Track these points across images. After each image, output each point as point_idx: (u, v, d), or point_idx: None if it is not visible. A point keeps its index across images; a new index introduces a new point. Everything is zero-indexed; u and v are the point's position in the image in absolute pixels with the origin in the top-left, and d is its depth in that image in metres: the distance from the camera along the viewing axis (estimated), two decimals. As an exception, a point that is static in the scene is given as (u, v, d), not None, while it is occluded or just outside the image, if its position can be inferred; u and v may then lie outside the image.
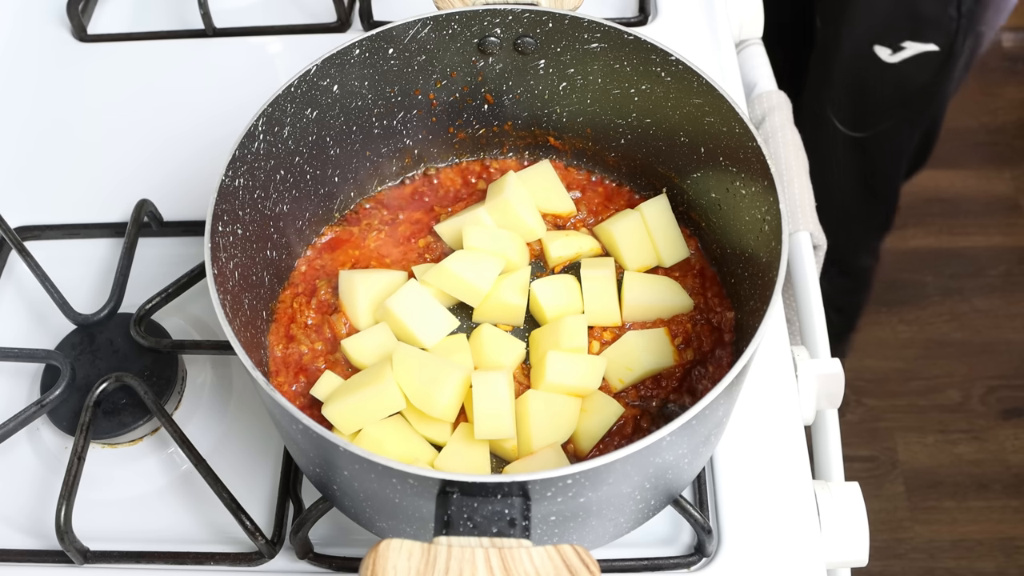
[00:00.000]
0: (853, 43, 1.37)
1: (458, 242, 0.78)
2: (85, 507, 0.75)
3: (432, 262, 0.78)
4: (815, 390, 0.81)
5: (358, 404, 0.68)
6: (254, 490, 0.76)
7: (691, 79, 0.71)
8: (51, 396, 0.77)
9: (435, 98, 0.80)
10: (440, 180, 0.85)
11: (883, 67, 1.35)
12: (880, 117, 1.45)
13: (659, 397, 0.72)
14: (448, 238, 0.80)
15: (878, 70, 1.36)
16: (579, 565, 0.50)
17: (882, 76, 1.37)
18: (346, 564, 0.73)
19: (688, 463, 0.64)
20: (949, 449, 1.90)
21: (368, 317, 0.75)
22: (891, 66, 1.35)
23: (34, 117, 1.02)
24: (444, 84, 0.79)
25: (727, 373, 0.57)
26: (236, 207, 0.68)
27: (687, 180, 0.78)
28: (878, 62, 1.35)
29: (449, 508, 0.53)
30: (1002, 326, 2.03)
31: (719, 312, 0.75)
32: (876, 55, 1.34)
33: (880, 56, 1.34)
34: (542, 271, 0.80)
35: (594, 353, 0.74)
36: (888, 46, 1.33)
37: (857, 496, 0.75)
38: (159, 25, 1.08)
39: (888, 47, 1.33)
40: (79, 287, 0.88)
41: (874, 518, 1.13)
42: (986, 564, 1.77)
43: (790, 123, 1.01)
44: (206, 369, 0.84)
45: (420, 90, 0.79)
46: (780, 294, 0.63)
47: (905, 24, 1.31)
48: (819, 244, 0.95)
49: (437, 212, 0.82)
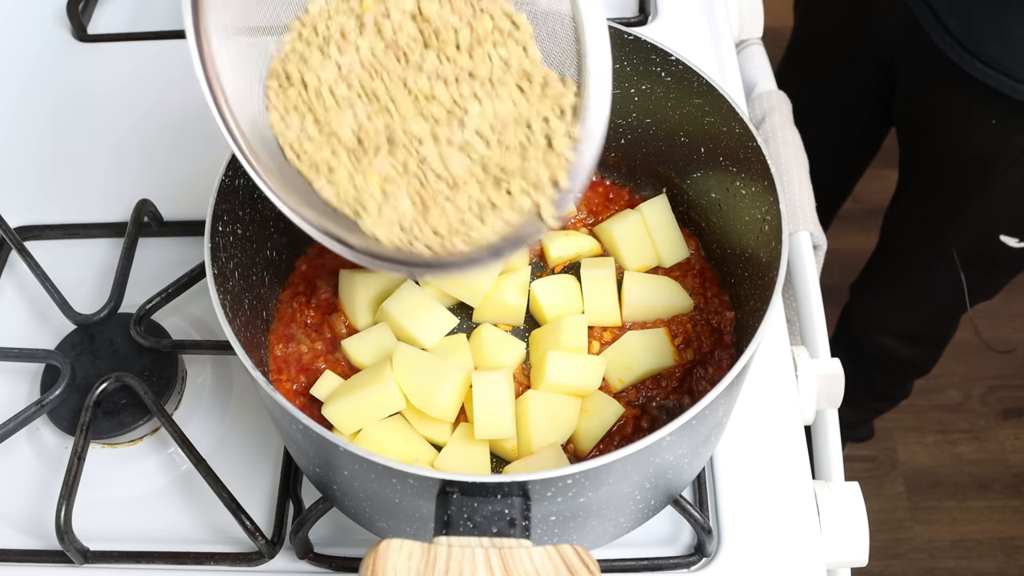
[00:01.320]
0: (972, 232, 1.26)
1: (458, 242, 0.78)
2: (85, 507, 0.75)
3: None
4: (815, 390, 0.81)
5: (358, 404, 0.68)
6: (254, 490, 0.76)
7: (691, 79, 0.71)
8: (51, 396, 0.77)
9: (435, 98, 0.80)
10: (440, 180, 0.85)
11: (1008, 251, 1.25)
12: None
13: (659, 397, 0.72)
14: (448, 238, 0.80)
15: (1003, 252, 1.25)
16: (579, 565, 0.50)
17: (1006, 256, 1.26)
18: (346, 564, 0.73)
19: (688, 463, 0.64)
20: (949, 449, 1.90)
21: (367, 317, 0.75)
22: (1016, 250, 1.25)
23: (34, 117, 1.02)
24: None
25: (727, 373, 0.57)
26: (236, 207, 0.68)
27: (687, 180, 0.78)
28: (1003, 247, 1.24)
29: (449, 508, 0.53)
30: (1002, 326, 2.03)
31: (719, 312, 0.75)
32: (1002, 241, 1.23)
33: (1007, 243, 1.23)
34: (542, 271, 0.80)
35: (594, 353, 0.74)
36: (1016, 236, 1.22)
37: (857, 496, 0.75)
38: (159, 25, 1.08)
39: (1016, 237, 1.22)
40: (79, 287, 0.88)
41: (874, 518, 1.13)
42: (986, 564, 1.77)
43: (790, 123, 1.01)
44: (206, 369, 0.84)
45: (420, 90, 0.79)
46: (780, 294, 0.63)
47: None
48: (819, 244, 0.95)
49: (437, 212, 0.82)
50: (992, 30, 1.01)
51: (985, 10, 1.01)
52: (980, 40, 1.02)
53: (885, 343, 1.52)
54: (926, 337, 1.52)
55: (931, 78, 1.12)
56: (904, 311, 1.47)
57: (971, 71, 1.03)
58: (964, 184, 1.19)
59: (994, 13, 1.00)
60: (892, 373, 1.62)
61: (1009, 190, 1.14)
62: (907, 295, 1.43)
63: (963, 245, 1.25)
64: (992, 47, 1.01)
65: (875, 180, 1.63)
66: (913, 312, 1.46)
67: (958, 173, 1.19)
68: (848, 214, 1.73)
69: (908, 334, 1.50)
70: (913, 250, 1.36)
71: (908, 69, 1.20)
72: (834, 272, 1.40)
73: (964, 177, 1.18)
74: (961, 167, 1.18)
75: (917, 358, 1.58)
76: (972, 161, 1.15)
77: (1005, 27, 1.00)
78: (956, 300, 1.32)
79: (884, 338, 1.51)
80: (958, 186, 1.20)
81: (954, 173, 1.20)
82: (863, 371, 1.55)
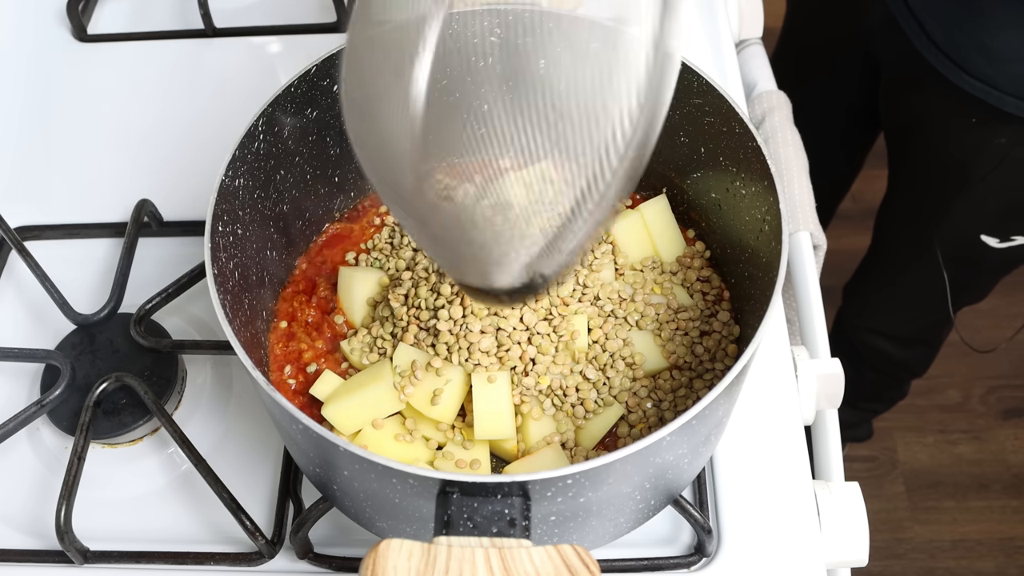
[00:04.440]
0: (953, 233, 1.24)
1: (458, 242, 0.78)
2: (85, 507, 0.75)
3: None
4: (815, 390, 0.81)
5: (358, 404, 0.68)
6: (254, 490, 0.77)
7: (691, 79, 0.71)
8: (51, 396, 0.77)
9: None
10: (440, 180, 0.85)
11: (990, 251, 1.23)
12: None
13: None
14: (448, 238, 0.80)
15: (985, 252, 1.23)
16: (579, 565, 0.50)
17: (988, 256, 1.24)
18: (346, 564, 0.73)
19: (688, 463, 0.64)
20: (949, 449, 1.90)
21: (365, 315, 0.75)
22: (996, 251, 1.23)
23: (34, 117, 1.02)
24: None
25: (727, 373, 0.57)
26: (236, 207, 0.68)
27: (687, 180, 0.77)
28: (985, 247, 1.22)
29: (449, 508, 0.53)
30: (1002, 326, 2.03)
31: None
32: (983, 241, 1.21)
33: (988, 243, 1.21)
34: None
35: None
36: (997, 236, 1.21)
37: (857, 496, 0.75)
38: (159, 25, 1.08)
39: (997, 237, 1.21)
40: (79, 287, 0.88)
41: (874, 518, 1.13)
42: (986, 564, 1.77)
43: (790, 123, 1.01)
44: (206, 369, 0.84)
45: (420, 90, 0.79)
46: (780, 294, 0.63)
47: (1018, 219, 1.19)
48: (819, 244, 0.95)
49: (437, 212, 0.82)
50: (973, 41, 1.01)
51: (966, 22, 1.01)
52: (965, 53, 1.02)
53: (878, 345, 1.52)
54: (918, 339, 1.52)
55: (913, 78, 1.13)
56: (895, 312, 1.46)
57: (957, 82, 1.04)
58: (946, 184, 1.19)
59: (975, 25, 1.00)
60: (887, 375, 1.61)
61: (989, 191, 1.14)
62: (897, 296, 1.43)
63: (946, 245, 1.24)
64: (976, 60, 1.01)
65: (875, 180, 1.63)
66: (904, 313, 1.45)
67: (940, 173, 1.20)
68: (847, 214, 1.73)
69: (900, 336, 1.50)
70: (902, 250, 1.36)
71: (891, 68, 1.20)
72: (833, 272, 1.40)
73: (946, 177, 1.18)
74: (943, 168, 1.18)
75: (911, 360, 1.58)
76: (953, 162, 1.15)
77: (986, 39, 1.00)
78: (946, 301, 1.32)
79: (877, 340, 1.51)
80: (940, 186, 1.20)
81: (937, 173, 1.20)
82: (858, 374, 1.55)
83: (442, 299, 0.70)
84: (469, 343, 0.68)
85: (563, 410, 0.69)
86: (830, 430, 0.85)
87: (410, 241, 0.78)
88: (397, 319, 0.72)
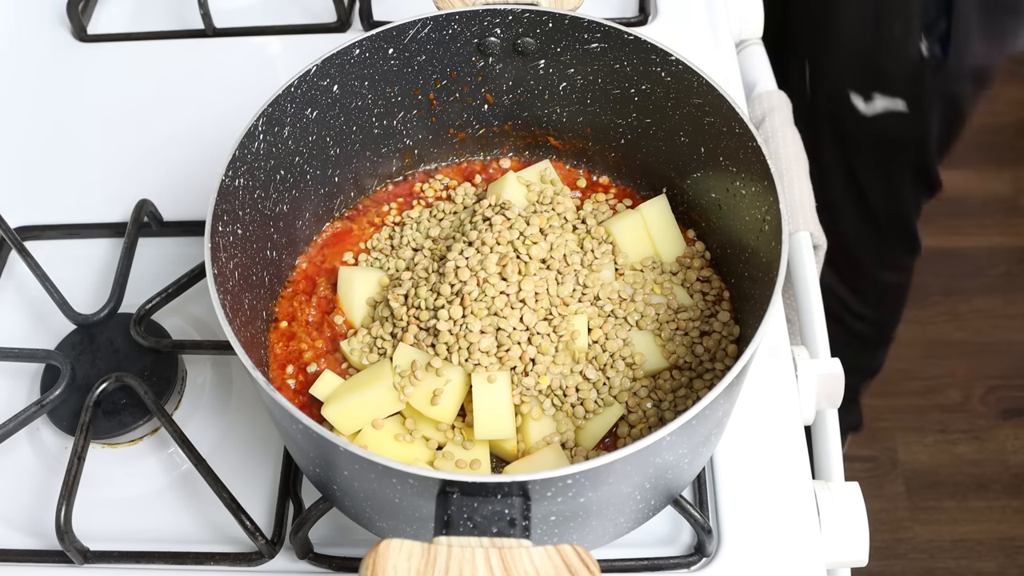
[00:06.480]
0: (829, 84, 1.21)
1: (458, 242, 0.78)
2: (85, 507, 0.75)
3: (432, 262, 0.78)
4: (815, 390, 0.81)
5: (358, 404, 0.68)
6: (254, 490, 0.76)
7: (691, 79, 0.71)
8: (51, 396, 0.77)
9: (435, 98, 0.80)
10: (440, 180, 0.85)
11: (860, 119, 1.19)
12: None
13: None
14: (448, 238, 0.80)
15: (855, 121, 1.19)
16: (579, 565, 0.50)
17: (859, 128, 1.20)
18: (346, 564, 0.73)
19: (688, 463, 0.64)
20: (949, 449, 1.90)
21: (365, 315, 0.75)
22: (867, 119, 1.19)
23: (34, 117, 1.02)
24: (444, 84, 0.79)
25: (727, 373, 0.57)
26: (236, 207, 0.68)
27: (687, 180, 0.78)
28: (855, 112, 1.19)
29: (449, 508, 0.53)
30: (1002, 326, 2.03)
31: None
32: (852, 103, 1.19)
33: (856, 105, 1.19)
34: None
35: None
36: (861, 94, 1.18)
37: (857, 496, 0.75)
38: (159, 25, 1.08)
39: (861, 95, 1.18)
40: (79, 287, 0.88)
41: (874, 518, 1.13)
42: (986, 564, 1.77)
43: (790, 123, 1.01)
44: (206, 369, 0.84)
45: (420, 90, 0.79)
46: (780, 294, 0.63)
47: (870, 72, 1.16)
48: (819, 244, 0.95)
49: (437, 212, 0.82)
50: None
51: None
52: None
53: (836, 296, 1.48)
54: (866, 287, 1.49)
55: None
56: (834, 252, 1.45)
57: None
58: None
59: None
60: (853, 335, 1.57)
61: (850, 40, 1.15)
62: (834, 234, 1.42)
63: (825, 104, 1.23)
64: None
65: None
66: (842, 255, 1.38)
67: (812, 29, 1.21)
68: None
69: (849, 284, 1.47)
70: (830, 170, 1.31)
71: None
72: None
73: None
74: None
75: (868, 316, 1.53)
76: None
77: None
78: (877, 245, 1.30)
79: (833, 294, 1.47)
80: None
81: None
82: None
83: (442, 299, 0.70)
84: (469, 343, 0.68)
85: (563, 410, 0.69)
86: (830, 430, 0.85)
87: (410, 241, 0.79)
88: (397, 319, 0.72)
